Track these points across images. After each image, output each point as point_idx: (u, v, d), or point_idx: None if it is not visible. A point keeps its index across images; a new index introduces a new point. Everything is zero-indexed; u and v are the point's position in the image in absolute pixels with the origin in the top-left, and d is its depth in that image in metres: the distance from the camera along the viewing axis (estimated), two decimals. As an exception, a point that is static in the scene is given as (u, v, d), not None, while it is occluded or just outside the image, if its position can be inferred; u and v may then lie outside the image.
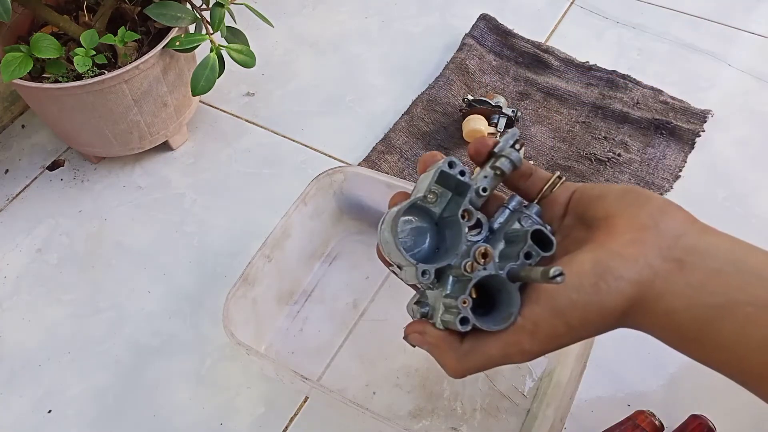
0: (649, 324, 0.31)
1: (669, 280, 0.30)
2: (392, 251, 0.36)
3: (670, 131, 0.83)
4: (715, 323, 0.29)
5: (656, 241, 0.31)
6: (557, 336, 0.32)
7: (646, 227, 0.31)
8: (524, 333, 0.32)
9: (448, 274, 0.36)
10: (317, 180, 0.67)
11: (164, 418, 0.64)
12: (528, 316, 0.32)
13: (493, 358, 0.33)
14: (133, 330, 0.70)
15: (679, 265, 0.30)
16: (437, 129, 0.85)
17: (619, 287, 0.30)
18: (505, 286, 0.34)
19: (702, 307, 0.29)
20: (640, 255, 0.31)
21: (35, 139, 0.88)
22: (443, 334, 0.35)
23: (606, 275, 0.30)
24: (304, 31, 1.00)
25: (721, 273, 0.29)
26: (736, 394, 0.64)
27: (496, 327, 0.33)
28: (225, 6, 0.71)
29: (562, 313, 0.31)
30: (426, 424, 0.62)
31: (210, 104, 0.90)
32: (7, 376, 0.67)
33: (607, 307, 0.31)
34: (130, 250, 0.76)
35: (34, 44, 0.67)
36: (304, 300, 0.70)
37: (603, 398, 0.63)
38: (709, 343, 0.30)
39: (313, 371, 0.65)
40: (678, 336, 0.31)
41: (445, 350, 0.35)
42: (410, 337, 0.38)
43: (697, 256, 0.30)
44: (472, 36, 0.95)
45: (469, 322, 0.33)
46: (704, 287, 0.29)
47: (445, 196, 0.37)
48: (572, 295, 0.31)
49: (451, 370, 0.35)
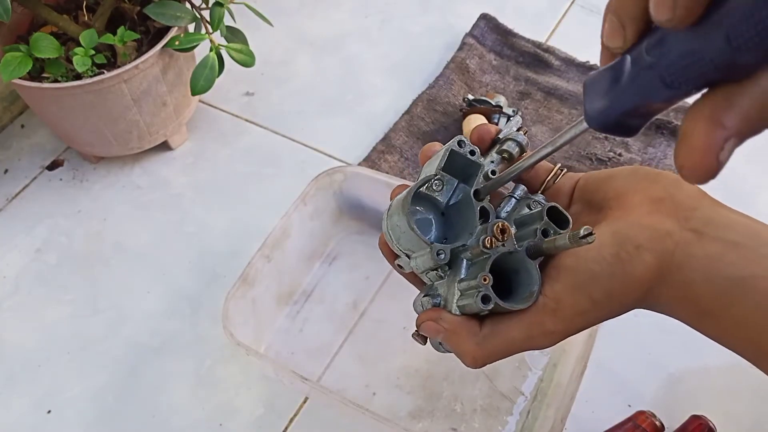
0: (667, 297, 0.30)
1: (688, 250, 0.29)
2: (403, 235, 0.35)
3: (671, 131, 0.83)
4: (734, 296, 0.28)
5: (673, 212, 0.30)
6: (581, 313, 0.30)
7: (661, 199, 0.31)
8: (546, 312, 0.31)
9: (461, 258, 0.34)
10: (317, 180, 0.67)
11: (164, 418, 0.64)
12: (549, 294, 0.31)
13: (516, 341, 0.32)
14: (132, 330, 0.70)
15: (697, 236, 0.29)
16: (437, 129, 0.85)
17: (640, 256, 0.29)
18: (525, 263, 0.32)
19: (721, 279, 0.29)
20: (659, 224, 0.30)
21: (35, 138, 0.88)
22: (461, 319, 0.33)
23: (626, 244, 0.30)
24: (303, 31, 0.99)
25: (738, 245, 0.29)
26: (737, 395, 0.64)
27: (519, 306, 0.31)
28: (224, 5, 0.71)
29: (585, 287, 0.30)
30: (426, 424, 0.61)
31: (209, 104, 0.90)
32: (7, 376, 0.67)
33: (630, 278, 0.30)
34: (129, 250, 0.76)
35: (34, 44, 0.67)
36: (303, 300, 0.70)
37: (603, 398, 0.63)
38: (727, 318, 0.29)
39: (313, 371, 0.65)
40: (696, 310, 0.30)
41: (463, 336, 0.33)
42: (423, 327, 0.35)
43: (714, 228, 0.29)
44: (473, 35, 0.95)
45: (491, 300, 0.31)
46: (723, 258, 0.29)
47: (451, 183, 0.36)
48: (594, 268, 0.30)
49: (470, 358, 0.33)
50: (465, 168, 0.36)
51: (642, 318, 0.70)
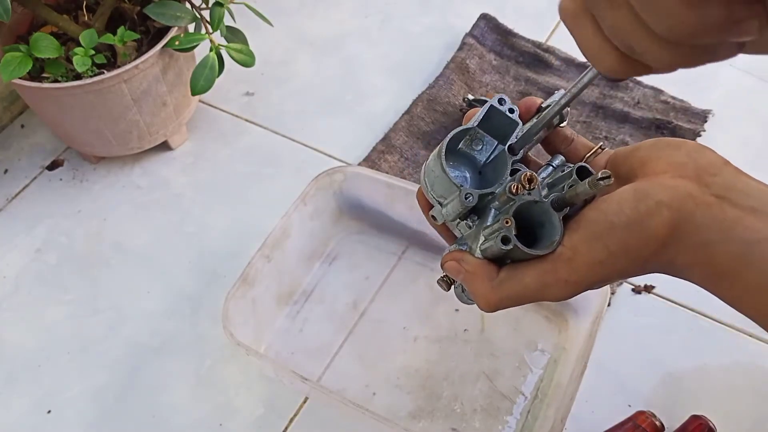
0: (684, 258, 0.31)
1: (708, 212, 0.30)
2: (437, 180, 0.36)
3: (671, 131, 0.83)
4: (749, 259, 0.29)
5: (695, 176, 0.31)
6: (596, 263, 0.31)
7: (684, 164, 0.31)
8: (562, 260, 0.31)
9: (489, 207, 0.35)
10: (317, 180, 0.67)
11: (164, 418, 0.64)
12: (567, 244, 0.32)
13: (529, 287, 0.32)
14: (132, 330, 0.70)
15: (718, 200, 0.30)
16: (437, 129, 0.85)
17: (659, 210, 0.30)
18: (548, 214, 0.33)
19: (738, 242, 0.29)
20: (680, 185, 0.31)
21: (34, 138, 0.88)
22: (481, 262, 0.34)
23: (646, 198, 0.30)
24: (303, 31, 0.99)
25: (757, 211, 0.29)
26: (737, 395, 0.64)
27: (538, 252, 0.32)
28: (224, 5, 0.71)
29: (602, 237, 0.31)
30: (426, 424, 0.61)
31: (209, 104, 0.90)
32: (7, 376, 0.67)
33: (648, 231, 0.30)
34: (129, 250, 0.76)
35: (34, 44, 0.67)
36: (303, 300, 0.70)
37: (603, 398, 0.63)
38: (741, 282, 0.29)
39: (313, 371, 0.65)
40: (711, 271, 0.30)
41: (481, 278, 0.34)
42: (447, 266, 0.36)
43: (735, 193, 0.30)
44: (473, 35, 0.95)
45: (511, 242, 0.32)
46: (741, 222, 0.29)
47: (490, 144, 0.37)
48: (612, 219, 0.31)
49: (483, 300, 0.34)
50: (503, 127, 0.37)
51: (642, 318, 0.70)
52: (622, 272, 0.31)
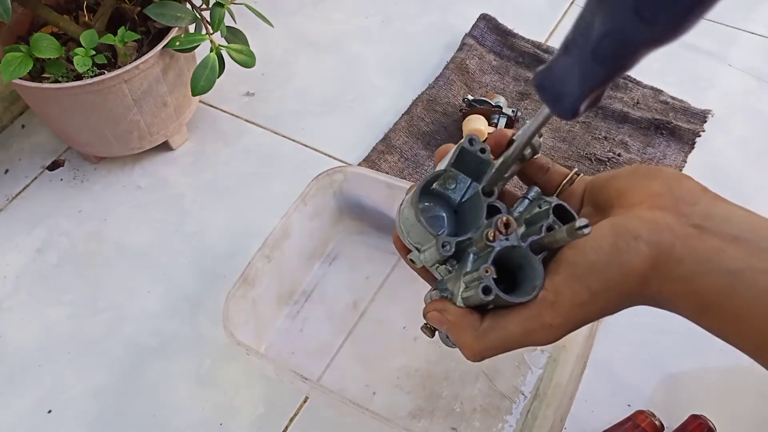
0: (669, 292, 0.30)
1: (689, 244, 0.29)
2: (412, 228, 0.35)
3: (670, 131, 0.83)
4: (734, 289, 0.28)
5: (673, 207, 0.31)
6: (580, 305, 0.30)
7: (661, 194, 0.31)
8: (545, 304, 0.31)
9: (468, 252, 0.35)
10: (317, 180, 0.67)
11: (164, 418, 0.64)
12: (549, 287, 0.31)
13: (514, 335, 0.32)
14: (132, 330, 0.70)
15: (698, 230, 0.30)
16: (437, 129, 0.85)
17: (638, 247, 0.30)
18: (528, 258, 0.33)
19: (721, 273, 0.29)
20: (659, 218, 0.30)
21: (35, 139, 0.88)
22: (463, 311, 0.34)
23: (624, 234, 0.30)
24: (304, 31, 1.00)
25: (738, 239, 0.29)
26: (737, 394, 0.64)
27: (520, 299, 0.31)
28: (225, 6, 0.71)
29: (583, 278, 0.30)
30: (426, 424, 0.62)
31: (210, 104, 0.90)
32: (7, 376, 0.67)
33: (628, 268, 0.30)
34: (129, 250, 0.76)
35: (34, 44, 0.67)
36: (304, 300, 0.70)
37: (603, 398, 0.63)
38: (727, 312, 0.29)
39: (313, 371, 0.65)
40: (696, 304, 0.30)
41: (464, 328, 0.34)
42: (429, 316, 0.36)
43: (714, 222, 0.30)
44: (472, 36, 0.95)
45: (492, 292, 0.31)
46: (723, 252, 0.29)
47: (464, 182, 0.37)
48: (592, 258, 0.30)
49: (468, 350, 0.33)
50: (476, 166, 0.36)
51: (642, 318, 0.70)
52: (605, 310, 0.31)
